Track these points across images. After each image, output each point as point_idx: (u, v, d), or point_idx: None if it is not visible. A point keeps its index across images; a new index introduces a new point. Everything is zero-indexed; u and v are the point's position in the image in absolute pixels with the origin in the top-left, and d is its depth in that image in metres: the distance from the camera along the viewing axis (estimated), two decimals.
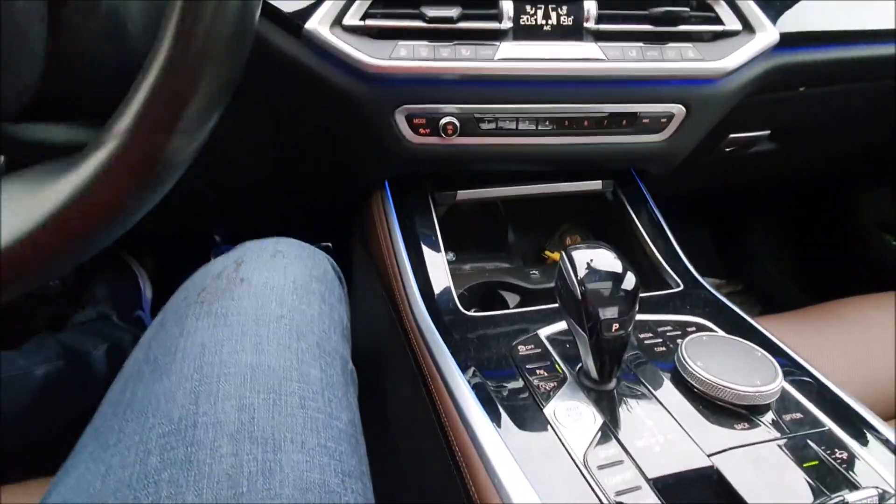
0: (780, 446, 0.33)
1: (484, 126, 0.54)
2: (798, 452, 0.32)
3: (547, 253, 0.67)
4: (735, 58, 0.53)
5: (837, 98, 0.70)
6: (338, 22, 0.49)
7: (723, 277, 1.33)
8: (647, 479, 0.30)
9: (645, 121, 0.55)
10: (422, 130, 0.54)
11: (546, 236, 0.69)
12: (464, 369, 0.40)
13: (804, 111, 0.73)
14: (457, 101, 0.52)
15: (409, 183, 0.61)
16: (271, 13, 0.49)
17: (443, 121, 0.53)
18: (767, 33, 0.53)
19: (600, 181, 0.63)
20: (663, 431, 0.34)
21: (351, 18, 0.49)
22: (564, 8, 0.52)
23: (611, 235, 0.65)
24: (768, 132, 0.74)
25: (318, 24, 0.49)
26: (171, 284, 0.43)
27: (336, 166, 0.66)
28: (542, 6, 0.52)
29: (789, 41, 0.55)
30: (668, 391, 0.37)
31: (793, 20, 0.56)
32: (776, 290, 1.28)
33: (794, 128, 0.76)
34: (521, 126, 0.54)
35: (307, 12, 0.49)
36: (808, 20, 0.57)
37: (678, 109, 0.55)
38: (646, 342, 0.42)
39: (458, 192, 0.60)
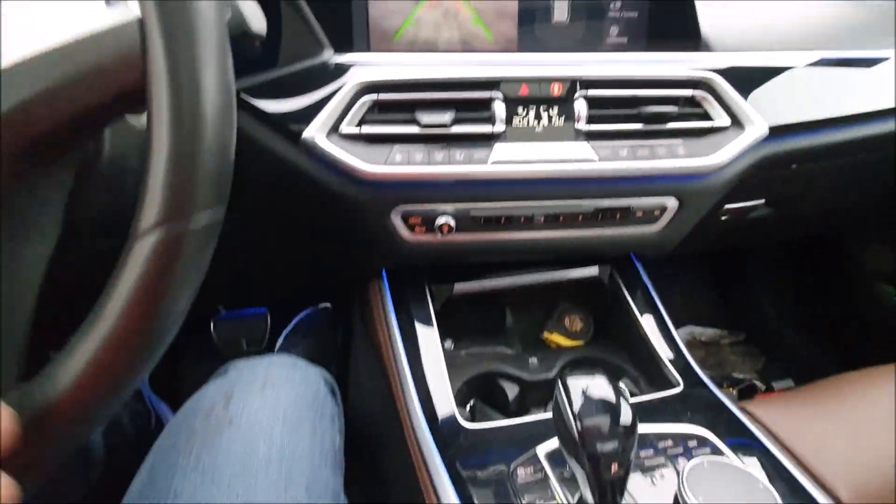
0: None
1: (479, 223, 0.55)
2: None
3: (546, 335, 0.67)
4: (725, 153, 0.53)
5: (832, 169, 0.71)
6: (335, 129, 0.51)
7: (725, 327, 1.32)
8: None
9: (638, 214, 0.56)
10: (418, 229, 0.54)
11: (545, 316, 0.68)
12: (461, 496, 0.39)
13: (798, 182, 0.74)
14: (452, 201, 0.53)
15: (405, 274, 0.61)
16: (271, 121, 0.50)
17: (439, 220, 0.53)
18: (756, 127, 0.54)
19: (597, 267, 0.63)
20: None
21: (347, 126, 0.51)
22: (556, 109, 0.53)
23: (609, 319, 0.65)
24: (763, 201, 0.75)
25: (315, 133, 0.50)
26: (174, 355, 0.42)
27: (333, 257, 0.67)
28: (534, 107, 0.53)
29: (779, 132, 0.56)
30: None
31: (782, 108, 0.57)
32: (779, 340, 1.27)
33: (790, 195, 0.77)
34: (516, 221, 0.55)
35: (305, 118, 0.50)
36: (798, 105, 0.59)
37: (671, 202, 0.56)
38: (646, 462, 0.41)
39: (456, 284, 0.61)
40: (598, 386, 0.35)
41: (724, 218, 0.76)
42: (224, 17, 0.27)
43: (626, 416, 0.34)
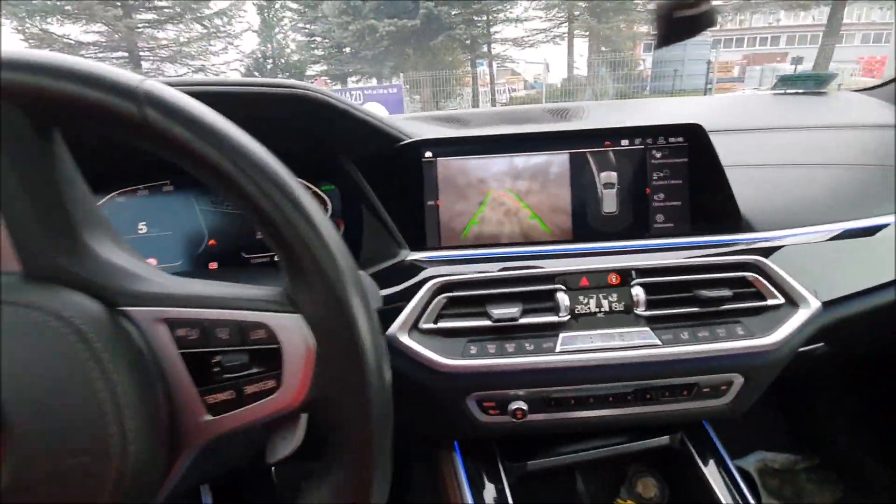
0: None
1: (550, 404, 0.57)
2: None
3: (619, 502, 0.66)
4: (783, 331, 0.56)
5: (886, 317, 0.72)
6: (415, 326, 0.56)
7: (797, 451, 1.24)
8: None
9: (705, 389, 0.58)
10: (492, 412, 0.57)
11: (617, 480, 0.68)
12: None
13: (856, 327, 0.74)
14: (524, 387, 0.56)
15: (478, 446, 0.63)
16: None
17: (512, 406, 0.56)
18: (809, 304, 0.57)
19: (668, 437, 0.64)
20: None
21: (426, 322, 0.56)
22: (615, 296, 0.58)
23: (683, 484, 0.64)
24: (823, 343, 0.75)
25: (398, 330, 0.55)
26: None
27: (405, 428, 0.70)
28: (594, 295, 0.58)
29: (831, 304, 0.59)
30: None
31: (829, 281, 0.60)
32: (855, 463, 1.18)
33: (849, 338, 0.77)
34: (586, 401, 0.57)
35: (388, 315, 0.56)
36: (843, 276, 0.61)
37: (736, 378, 0.57)
38: None
39: (528, 462, 0.62)
40: None
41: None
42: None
43: None
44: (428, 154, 0.62)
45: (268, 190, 0.27)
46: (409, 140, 0.62)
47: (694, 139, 0.61)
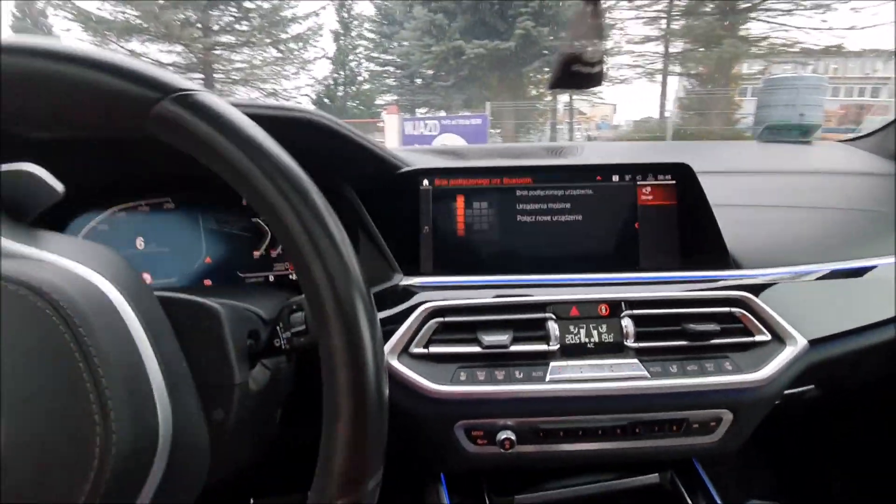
0: None
1: (539, 436, 0.56)
2: None
3: None
4: (771, 367, 0.56)
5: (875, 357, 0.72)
6: (405, 350, 0.56)
7: (788, 499, 1.21)
8: None
9: (695, 425, 0.57)
10: (480, 441, 0.56)
11: None
12: None
13: (844, 367, 0.74)
14: (513, 416, 0.56)
15: (465, 479, 0.61)
16: None
17: (500, 436, 0.55)
18: (796, 342, 0.58)
19: (657, 474, 0.63)
20: None
21: (416, 347, 0.56)
22: (604, 326, 0.58)
23: None
24: (812, 386, 0.75)
25: (388, 354, 0.55)
26: None
27: (391, 460, 0.68)
28: (585, 325, 0.58)
29: (818, 342, 0.59)
30: None
31: (816, 319, 0.61)
32: None
33: (839, 379, 0.77)
34: (575, 434, 0.57)
35: None
36: (830, 315, 0.62)
37: (725, 414, 0.57)
38: None
39: (516, 497, 0.61)
40: None
41: (777, 402, 0.76)
42: None
43: None
44: (425, 182, 0.63)
45: (296, 206, 0.28)
46: (409, 168, 0.64)
47: (682, 178, 0.63)
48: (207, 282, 0.64)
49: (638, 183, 0.64)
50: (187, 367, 0.34)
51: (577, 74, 0.58)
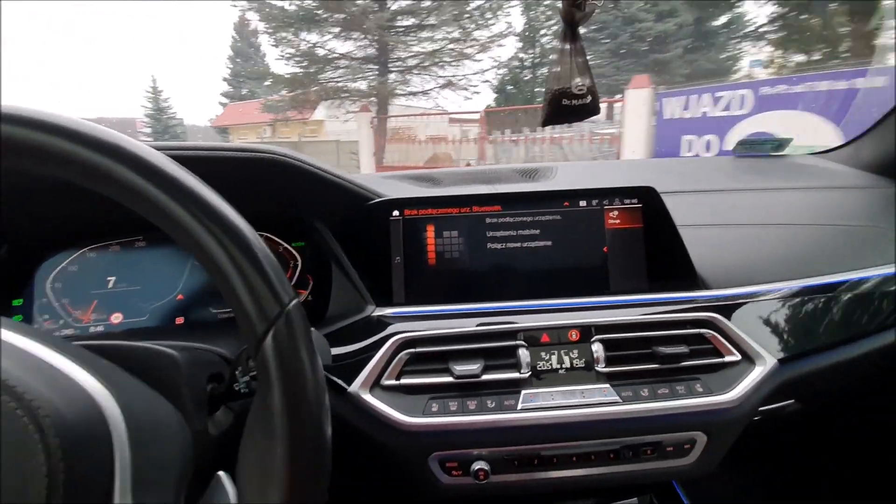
0: None
1: (513, 464, 0.56)
2: None
3: None
4: (740, 388, 0.56)
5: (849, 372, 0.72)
6: (377, 383, 0.56)
7: None
8: None
9: (669, 448, 0.57)
10: (454, 473, 0.56)
11: None
12: None
13: (821, 382, 0.75)
14: (487, 446, 0.56)
15: None
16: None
17: (475, 466, 0.55)
18: (765, 361, 0.58)
19: (636, 498, 0.63)
20: None
21: (388, 379, 0.56)
22: (575, 352, 0.58)
23: None
24: (793, 400, 0.75)
25: (359, 388, 0.55)
26: None
27: (367, 494, 0.68)
28: (556, 351, 0.58)
29: (787, 361, 0.60)
30: None
31: (785, 338, 0.62)
32: None
33: (817, 392, 0.77)
34: (549, 461, 0.57)
35: (351, 371, 0.56)
36: (799, 333, 0.63)
37: (699, 436, 0.57)
38: None
39: None
40: None
41: (756, 419, 0.76)
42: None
43: None
44: (395, 213, 0.64)
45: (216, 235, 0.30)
46: (378, 200, 0.65)
47: (647, 200, 0.64)
48: (180, 319, 0.64)
49: (605, 207, 0.65)
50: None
51: (568, 108, 0.60)
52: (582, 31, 0.61)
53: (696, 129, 5.54)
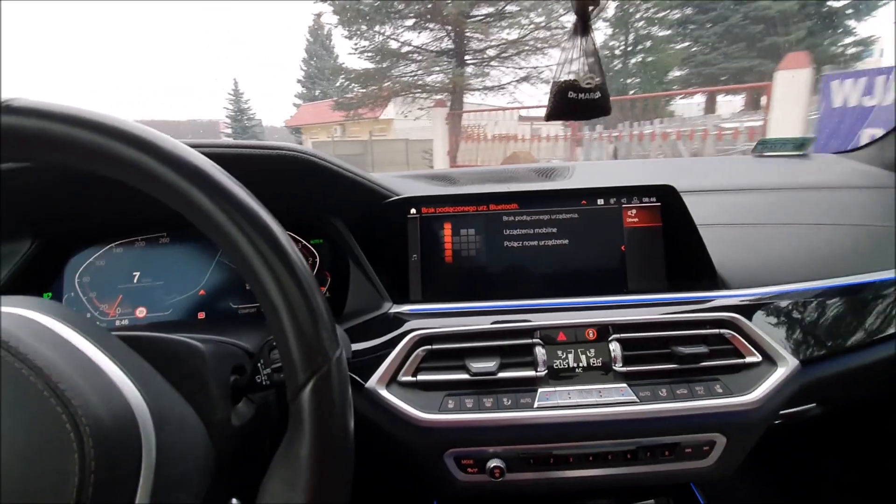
0: None
1: (529, 463, 0.56)
2: None
3: None
4: (761, 390, 0.55)
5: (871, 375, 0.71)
6: (393, 379, 0.57)
7: None
8: None
9: (688, 450, 0.56)
10: (470, 470, 0.56)
11: None
12: None
13: (843, 385, 0.73)
14: (502, 443, 0.56)
15: None
16: None
17: (490, 464, 0.55)
18: (787, 363, 0.57)
19: (653, 500, 0.62)
20: None
21: (404, 375, 0.56)
22: (592, 350, 0.58)
23: None
24: (814, 404, 0.74)
25: (376, 384, 0.56)
26: None
27: (382, 487, 0.68)
28: (573, 350, 0.58)
29: (810, 363, 0.59)
30: None
31: (807, 340, 0.60)
32: None
33: (839, 394, 0.76)
34: (565, 461, 0.56)
35: (368, 368, 0.57)
36: (821, 335, 0.62)
37: (718, 438, 0.56)
38: None
39: None
40: None
41: (777, 422, 0.74)
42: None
43: None
44: (413, 211, 0.65)
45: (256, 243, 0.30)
46: (396, 197, 0.65)
47: (666, 199, 0.64)
48: (201, 314, 0.66)
49: (623, 205, 0.64)
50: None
51: (575, 102, 0.60)
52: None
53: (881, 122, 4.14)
